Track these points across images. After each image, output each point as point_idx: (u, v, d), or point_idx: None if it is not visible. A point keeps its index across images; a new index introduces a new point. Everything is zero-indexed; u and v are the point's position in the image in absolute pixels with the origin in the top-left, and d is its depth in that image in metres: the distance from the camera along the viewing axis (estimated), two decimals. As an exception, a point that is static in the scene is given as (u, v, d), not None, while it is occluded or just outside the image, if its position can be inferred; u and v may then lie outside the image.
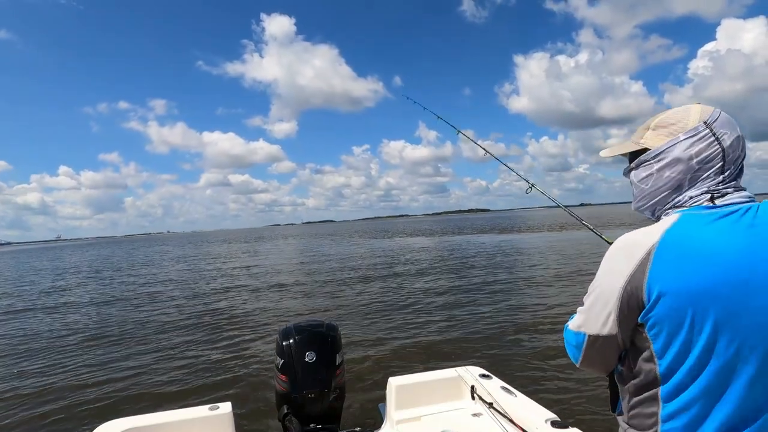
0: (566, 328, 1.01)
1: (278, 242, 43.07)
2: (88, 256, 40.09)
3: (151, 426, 2.21)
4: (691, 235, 0.79)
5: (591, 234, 1.54)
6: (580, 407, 3.49)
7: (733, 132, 0.85)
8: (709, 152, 0.85)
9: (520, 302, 7.91)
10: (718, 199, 0.84)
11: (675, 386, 0.80)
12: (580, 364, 0.98)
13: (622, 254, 0.84)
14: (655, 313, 0.79)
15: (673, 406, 0.80)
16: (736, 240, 0.77)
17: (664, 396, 0.82)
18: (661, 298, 0.78)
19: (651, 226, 0.85)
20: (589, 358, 0.95)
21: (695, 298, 0.76)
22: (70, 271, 23.02)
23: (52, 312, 10.04)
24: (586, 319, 0.92)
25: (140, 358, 5.88)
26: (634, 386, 0.88)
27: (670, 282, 0.77)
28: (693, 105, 0.90)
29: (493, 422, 2.23)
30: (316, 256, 22.16)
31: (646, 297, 0.80)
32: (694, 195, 0.86)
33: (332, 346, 2.59)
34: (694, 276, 0.76)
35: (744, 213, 0.80)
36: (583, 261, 12.91)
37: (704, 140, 0.86)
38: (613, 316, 0.85)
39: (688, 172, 0.87)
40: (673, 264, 0.78)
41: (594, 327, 0.89)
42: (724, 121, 0.86)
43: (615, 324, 0.85)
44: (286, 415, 2.44)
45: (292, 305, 9.09)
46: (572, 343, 0.97)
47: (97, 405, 4.38)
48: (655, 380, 0.83)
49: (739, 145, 0.86)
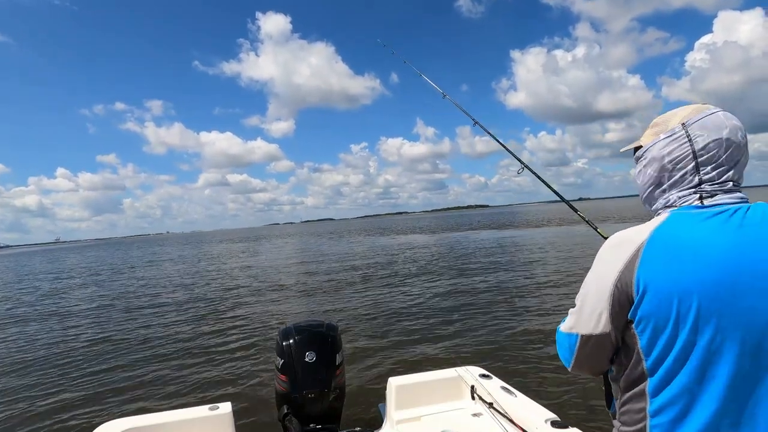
0: (558, 330, 1.02)
1: (277, 241, 43.05)
2: (87, 258, 40.07)
3: (151, 426, 2.21)
4: (679, 233, 0.81)
5: (589, 229, 1.53)
6: (580, 407, 3.50)
7: (714, 134, 0.86)
8: (679, 153, 0.89)
9: (520, 302, 7.90)
10: (707, 200, 0.86)
11: (660, 381, 0.82)
12: (571, 367, 0.98)
13: (613, 251, 0.86)
14: (642, 309, 0.81)
15: (659, 401, 0.82)
16: (725, 240, 0.78)
17: (651, 391, 0.83)
18: (648, 294, 0.80)
19: (641, 225, 0.87)
20: (581, 359, 0.95)
21: (681, 294, 0.77)
22: (69, 273, 23.02)
23: (53, 314, 10.04)
24: (577, 320, 0.93)
25: (140, 358, 5.88)
26: (625, 383, 0.90)
27: (658, 278, 0.79)
28: (690, 105, 0.93)
29: (493, 422, 2.23)
30: (316, 255, 22.15)
31: (634, 292, 0.81)
32: (683, 195, 0.89)
33: (332, 346, 2.59)
34: (682, 273, 0.78)
35: (733, 213, 0.82)
36: (583, 258, 12.91)
37: (677, 141, 0.90)
38: (606, 313, 0.86)
39: (664, 171, 0.92)
40: (661, 261, 0.80)
41: (586, 326, 0.91)
42: (706, 123, 0.87)
43: (608, 321, 0.86)
44: (286, 415, 2.44)
45: (292, 305, 9.09)
46: (564, 345, 0.98)
47: (98, 405, 4.38)
48: (642, 376, 0.85)
49: (720, 147, 0.86)
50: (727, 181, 0.87)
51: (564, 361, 1.00)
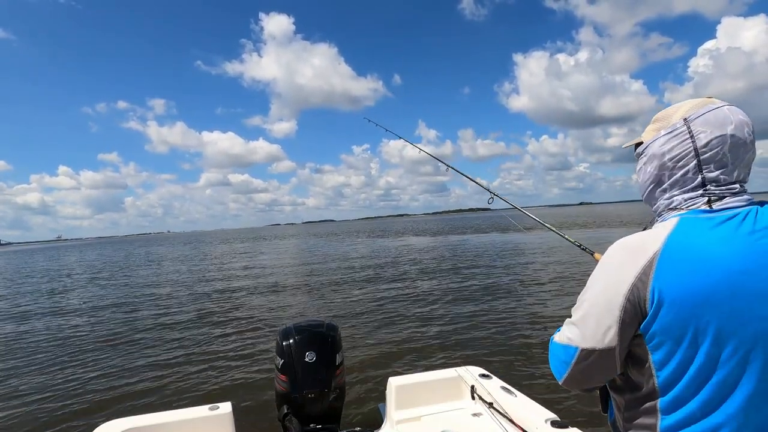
0: (552, 341, 0.95)
1: (278, 242, 43.07)
2: (89, 256, 40.12)
3: (151, 426, 2.21)
4: (693, 241, 0.76)
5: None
6: (580, 407, 3.49)
7: (717, 130, 0.81)
8: (680, 150, 0.84)
9: (520, 302, 7.90)
10: (715, 203, 0.82)
11: (675, 398, 0.78)
12: (564, 381, 0.91)
13: (623, 260, 0.80)
14: (657, 323, 0.76)
15: (673, 419, 0.78)
16: (738, 248, 0.75)
17: (664, 408, 0.79)
18: (664, 308, 0.75)
19: (649, 231, 0.83)
20: (576, 374, 0.88)
21: (699, 307, 0.73)
22: (71, 272, 23.05)
23: (53, 313, 10.05)
24: (579, 332, 0.86)
25: (140, 358, 5.88)
26: (631, 398, 0.85)
27: (674, 290, 0.74)
28: (694, 99, 0.89)
29: (493, 422, 2.23)
30: (317, 256, 22.16)
31: (648, 305, 0.76)
32: (690, 197, 0.85)
33: (332, 346, 2.59)
34: (698, 285, 0.73)
35: (744, 218, 0.78)
36: (582, 261, 12.90)
37: (678, 138, 0.85)
38: (615, 327, 0.80)
39: (664, 169, 0.87)
40: (677, 272, 0.75)
41: (590, 340, 0.83)
42: (709, 118, 0.82)
43: (615, 336, 0.80)
44: (286, 415, 2.44)
45: (292, 305, 9.09)
46: (559, 357, 0.91)
47: (98, 405, 4.38)
48: (653, 392, 0.80)
49: (724, 144, 0.81)
50: (733, 182, 0.83)
51: (556, 374, 0.93)
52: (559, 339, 0.92)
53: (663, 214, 0.89)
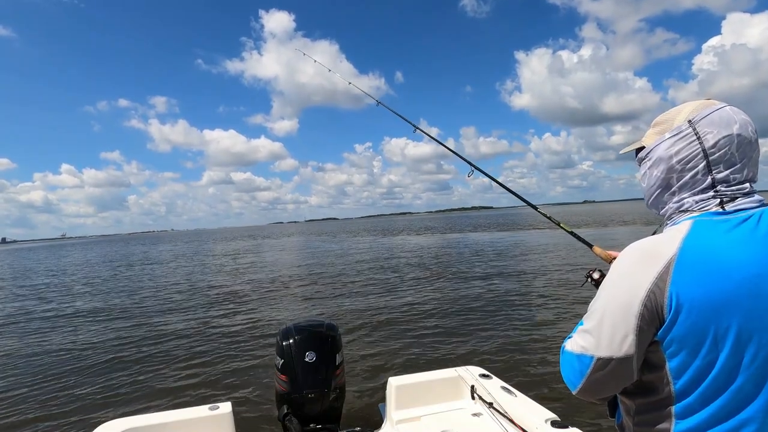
0: (563, 350, 0.92)
1: (281, 240, 43.16)
2: (93, 254, 40.30)
3: (151, 426, 2.21)
4: (709, 245, 0.75)
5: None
6: (580, 407, 3.48)
7: (724, 130, 0.81)
8: (688, 152, 0.83)
9: (520, 302, 7.88)
10: (727, 204, 0.80)
11: (692, 403, 0.76)
12: (578, 392, 0.88)
13: (638, 265, 0.78)
14: (676, 330, 0.74)
15: (688, 423, 0.77)
16: (755, 251, 0.74)
17: (679, 412, 0.78)
18: (683, 314, 0.73)
19: (662, 235, 0.81)
20: (592, 384, 0.85)
21: (718, 312, 0.72)
22: (73, 270, 23.15)
23: (53, 313, 10.10)
24: (593, 341, 0.83)
25: (140, 357, 5.89)
26: (644, 402, 0.83)
27: (693, 296, 0.73)
28: (693, 102, 0.88)
29: (493, 422, 2.22)
30: (319, 255, 22.19)
31: (666, 312, 0.74)
32: (701, 199, 0.83)
33: (332, 346, 2.59)
34: (717, 289, 0.72)
35: (758, 221, 0.77)
36: (582, 261, 12.85)
37: (685, 139, 0.84)
38: (632, 335, 0.77)
39: (672, 172, 0.86)
40: (695, 277, 0.73)
41: (605, 349, 0.81)
42: (714, 119, 0.82)
43: (633, 343, 0.78)
44: (286, 415, 2.44)
45: (292, 305, 9.10)
46: (573, 367, 0.87)
47: (98, 405, 4.39)
48: (669, 398, 0.78)
49: (731, 143, 0.80)
50: (743, 182, 0.82)
51: (570, 384, 0.89)
52: (572, 347, 0.88)
53: (673, 217, 0.87)
